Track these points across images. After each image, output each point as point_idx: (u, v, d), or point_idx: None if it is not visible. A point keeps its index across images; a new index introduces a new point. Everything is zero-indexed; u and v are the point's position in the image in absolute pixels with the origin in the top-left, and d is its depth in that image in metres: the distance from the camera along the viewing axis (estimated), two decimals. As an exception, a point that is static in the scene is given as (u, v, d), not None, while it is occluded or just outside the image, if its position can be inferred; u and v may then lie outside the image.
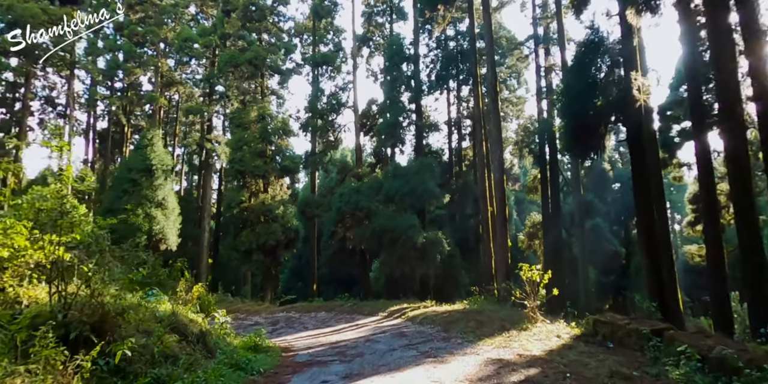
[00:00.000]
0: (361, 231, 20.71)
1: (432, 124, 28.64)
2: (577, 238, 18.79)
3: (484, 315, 12.94)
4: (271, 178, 27.73)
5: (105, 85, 39.97)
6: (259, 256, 25.92)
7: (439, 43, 27.37)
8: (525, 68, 26.68)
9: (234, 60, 26.24)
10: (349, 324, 14.90)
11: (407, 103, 23.82)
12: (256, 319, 18.37)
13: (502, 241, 17.86)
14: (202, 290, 10.18)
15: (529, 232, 24.86)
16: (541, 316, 10.78)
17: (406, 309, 16.61)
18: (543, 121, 21.01)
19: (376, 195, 22.00)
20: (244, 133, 26.66)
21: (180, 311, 8.49)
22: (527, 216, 26.83)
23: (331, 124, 26.99)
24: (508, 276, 18.10)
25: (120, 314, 5.18)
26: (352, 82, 27.43)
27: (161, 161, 28.14)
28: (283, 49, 29.86)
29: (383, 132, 22.91)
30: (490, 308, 14.60)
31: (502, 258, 17.98)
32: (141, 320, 6.23)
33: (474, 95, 22.03)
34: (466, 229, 27.25)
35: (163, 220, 27.38)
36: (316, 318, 17.71)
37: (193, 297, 10.06)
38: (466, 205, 28.53)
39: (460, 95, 31.60)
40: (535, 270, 10.36)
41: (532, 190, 24.32)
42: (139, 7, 32.27)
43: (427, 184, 20.46)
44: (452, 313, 14.21)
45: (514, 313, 12.76)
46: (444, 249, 20.19)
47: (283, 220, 26.60)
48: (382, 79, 25.77)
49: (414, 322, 14.00)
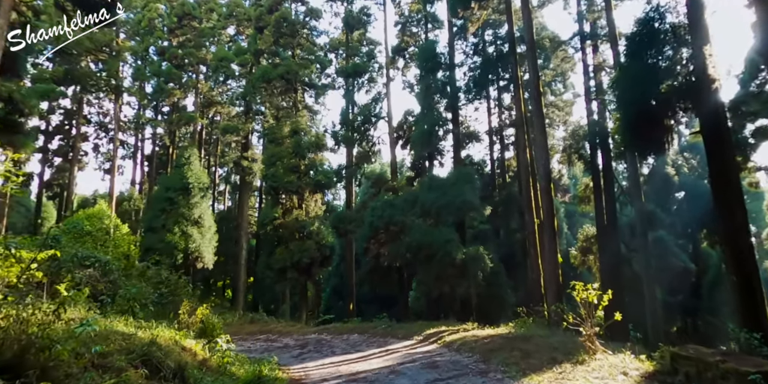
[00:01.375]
0: (395, 247, 19.32)
1: (471, 133, 27.11)
2: (639, 253, 16.55)
3: (531, 342, 11.14)
4: (305, 194, 27.03)
5: (152, 109, 41.42)
6: (293, 275, 25.00)
7: (476, 49, 26.04)
8: (571, 70, 24.83)
9: (266, 75, 26.03)
10: (380, 349, 13.43)
11: (443, 112, 22.50)
12: (287, 341, 17.26)
13: (551, 256, 15.92)
14: (206, 312, 9.15)
15: (582, 247, 22.52)
16: (600, 346, 8.94)
17: (444, 332, 14.95)
18: (593, 123, 19.03)
19: (411, 208, 20.61)
20: (277, 148, 26.21)
21: (168, 338, 7.43)
22: (579, 229, 24.49)
23: (366, 136, 26.06)
24: (560, 296, 16.08)
25: (45, 348, 4.08)
26: (386, 94, 26.53)
27: (198, 179, 28.16)
28: (317, 63, 29.49)
29: (418, 141, 21.65)
30: (539, 333, 12.72)
31: (551, 275, 16.01)
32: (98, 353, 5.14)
33: (515, 99, 20.44)
34: (512, 245, 25.22)
35: (199, 238, 27.17)
36: (348, 341, 16.33)
37: (195, 320, 9.03)
38: (510, 218, 26.53)
39: (501, 102, 29.95)
40: (591, 290, 8.61)
41: (583, 201, 22.12)
42: (179, 31, 33.16)
43: (466, 196, 18.88)
44: (494, 339, 12.46)
45: (567, 341, 10.88)
46: (486, 265, 18.41)
47: (317, 237, 25.67)
48: (418, 90, 24.68)
49: (450, 348, 12.36)
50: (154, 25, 36.33)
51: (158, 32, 35.41)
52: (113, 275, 12.19)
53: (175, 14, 32.50)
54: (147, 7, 35.51)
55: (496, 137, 31.33)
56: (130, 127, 43.13)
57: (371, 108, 25.16)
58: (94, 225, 28.15)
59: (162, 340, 7.00)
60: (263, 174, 25.14)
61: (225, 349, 8.43)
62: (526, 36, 17.89)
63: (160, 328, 8.04)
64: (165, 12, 35.47)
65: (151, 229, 26.88)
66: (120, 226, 29.73)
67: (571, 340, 10.94)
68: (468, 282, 17.95)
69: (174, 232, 26.21)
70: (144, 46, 35.91)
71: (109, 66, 31.02)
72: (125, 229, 29.83)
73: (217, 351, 8.44)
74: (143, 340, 6.53)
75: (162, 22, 35.64)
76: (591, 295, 8.64)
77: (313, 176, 25.54)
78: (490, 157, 31.32)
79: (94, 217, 28.44)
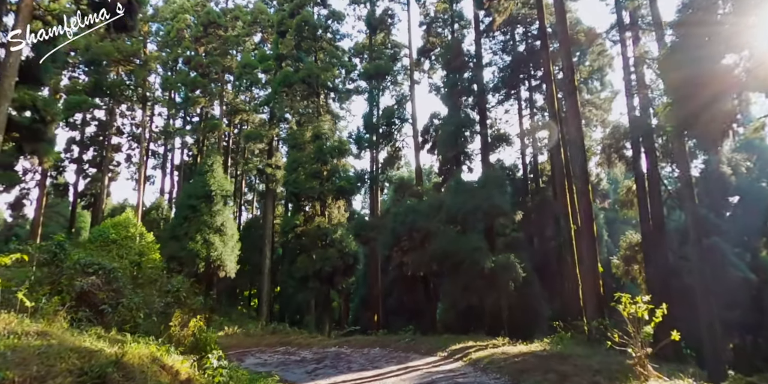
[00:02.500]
0: (419, 255, 18.10)
1: (501, 135, 25.68)
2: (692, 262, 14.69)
3: (569, 362, 9.71)
4: (328, 201, 26.19)
5: (182, 119, 41.85)
6: (315, 284, 24.04)
7: (505, 46, 24.80)
8: (608, 65, 23.14)
9: (288, 79, 25.52)
10: (399, 366, 12.22)
11: (470, 112, 21.26)
12: (305, 355, 16.31)
13: (591, 264, 14.35)
14: (200, 324, 8.24)
15: (625, 256, 20.59)
16: (653, 370, 7.48)
17: (471, 348, 13.60)
18: (636, 120, 17.33)
19: (436, 214, 19.38)
20: (299, 154, 25.54)
21: (144, 355, 6.50)
22: (621, 237, 22.51)
23: (390, 139, 25.07)
24: (601, 309, 14.44)
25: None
26: (410, 96, 25.53)
27: (220, 187, 27.80)
28: (340, 67, 28.84)
29: (443, 143, 20.50)
30: (578, 352, 11.23)
31: (591, 286, 14.42)
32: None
33: (548, 97, 19.02)
34: (546, 253, 23.54)
35: (221, 246, 26.69)
36: (367, 356, 15.18)
37: (187, 333, 8.12)
38: (545, 225, 24.86)
39: (533, 104, 28.44)
40: (641, 303, 7.22)
41: (625, 205, 20.28)
42: (205, 40, 33.33)
43: (495, 199, 17.52)
44: (527, 357, 11.05)
45: (611, 362, 9.39)
46: (518, 275, 16.92)
47: (340, 245, 24.66)
48: (444, 91, 23.57)
49: (476, 367, 11.03)
50: (183, 35, 36.80)
51: (186, 42, 35.76)
52: (117, 283, 11.50)
53: (200, 23, 32.69)
54: (176, 19, 36.01)
55: (528, 140, 29.75)
56: (161, 138, 43.76)
57: (395, 110, 24.15)
58: (120, 233, 28.21)
59: (133, 358, 6.10)
60: (284, 180, 24.39)
61: (216, 366, 7.45)
62: (559, 27, 16.57)
63: (142, 342, 7.19)
64: (193, 22, 35.87)
65: (173, 237, 26.59)
66: (146, 235, 29.74)
67: (615, 362, 9.45)
68: (498, 293, 16.52)
69: (196, 240, 25.81)
70: (173, 56, 36.33)
71: (136, 75, 31.36)
72: (150, 238, 29.80)
73: (208, 369, 7.47)
74: (109, 358, 5.63)
75: (190, 32, 36.04)
76: (640, 309, 7.25)
77: (336, 182, 24.66)
78: (522, 161, 29.74)
79: (120, 226, 28.49)
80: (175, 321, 8.16)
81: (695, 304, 14.69)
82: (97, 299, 10.42)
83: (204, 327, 8.35)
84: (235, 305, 38.90)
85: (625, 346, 7.76)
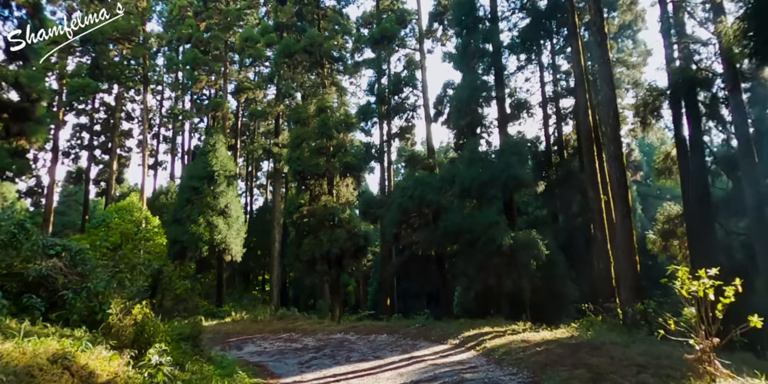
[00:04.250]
0: (429, 233, 16.34)
1: (521, 102, 23.49)
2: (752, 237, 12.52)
3: (603, 353, 7.89)
4: (336, 179, 24.55)
5: (191, 102, 40.61)
6: (323, 267, 22.57)
7: (524, 4, 22.31)
8: (640, 19, 20.54)
9: (288, 49, 23.72)
10: (403, 356, 10.62)
11: (486, 75, 19.08)
12: (307, 342, 14.97)
13: (626, 238, 12.35)
14: (145, 311, 6.75)
15: (662, 230, 18.29)
16: (723, 367, 5.62)
17: (487, 335, 11.88)
18: (678, 72, 14.86)
19: (449, 187, 17.53)
20: (302, 129, 23.84)
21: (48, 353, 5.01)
22: (658, 210, 20.18)
23: (399, 110, 23.12)
24: (638, 289, 12.50)
25: None
26: (420, 62, 23.41)
27: (223, 167, 26.45)
28: (346, 36, 26.82)
29: (456, 110, 18.49)
30: (614, 339, 9.37)
31: (626, 263, 12.44)
32: None
33: (573, 52, 16.74)
34: (573, 231, 21.47)
35: (225, 229, 25.44)
36: (373, 343, 13.67)
37: (127, 324, 6.62)
38: (571, 200, 22.73)
39: (557, 68, 25.98)
40: (705, 279, 5.35)
41: (663, 173, 17.93)
42: (205, 14, 31.71)
43: (513, 169, 15.54)
44: (551, 346, 9.26)
45: (658, 353, 7.53)
46: (541, 253, 15.01)
47: (349, 226, 23.05)
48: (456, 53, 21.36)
49: (490, 358, 9.31)
50: (186, 14, 35.31)
51: (189, 20, 34.26)
52: (84, 266, 10.13)
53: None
54: (178, -5, 34.54)
55: (551, 108, 27.35)
56: (170, 121, 42.77)
57: (404, 77, 22.06)
58: (123, 218, 27.27)
59: (21, 359, 4.63)
60: (286, 157, 22.77)
61: (156, 363, 5.93)
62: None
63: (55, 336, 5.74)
64: None
65: (176, 221, 25.47)
66: (151, 219, 28.77)
67: (662, 353, 7.61)
68: (518, 273, 14.67)
69: (199, 223, 24.61)
70: (176, 36, 34.95)
71: (135, 54, 30.03)
72: (156, 222, 28.84)
73: (145, 367, 5.98)
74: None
75: (192, 8, 34.49)
76: (704, 286, 5.38)
77: (341, 157, 22.93)
78: (544, 132, 27.39)
79: (124, 210, 27.56)
80: (115, 308, 6.66)
81: (751, 285, 12.56)
82: (58, 284, 9.09)
83: (151, 315, 6.84)
84: (250, 290, 38.10)
85: (682, 336, 5.91)
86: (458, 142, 22.63)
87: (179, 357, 8.56)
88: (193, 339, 10.94)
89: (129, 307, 6.74)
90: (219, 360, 10.94)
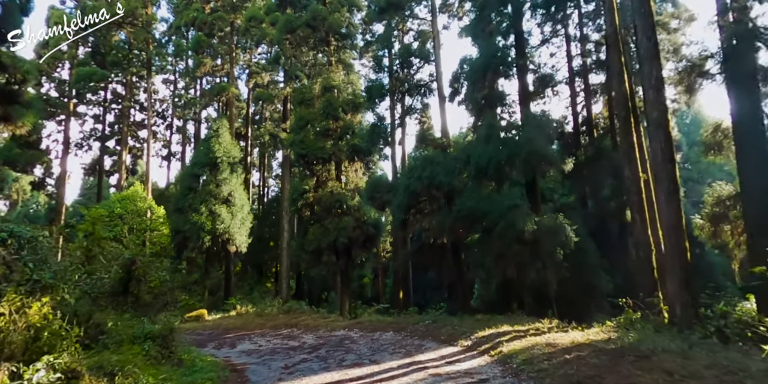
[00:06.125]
0: (440, 218, 14.49)
1: (545, 76, 21.28)
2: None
3: (655, 363, 5.98)
4: (343, 164, 22.88)
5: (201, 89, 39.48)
6: (329, 258, 21.02)
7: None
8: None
9: (290, 24, 22.03)
10: (403, 360, 8.92)
11: (505, 39, 16.94)
12: (305, 339, 13.55)
13: (673, 220, 10.24)
14: (45, 311, 5.19)
15: (712, 214, 15.86)
16: None
17: (504, 335, 10.02)
18: (732, 26, 12.42)
19: (463, 168, 15.61)
20: (306, 110, 22.23)
21: None
22: (706, 192, 17.71)
23: (411, 86, 21.18)
24: (687, 282, 10.38)
25: None
26: (432, 32, 21.35)
27: (227, 153, 25.05)
28: (354, 9, 24.89)
29: (471, 82, 16.51)
30: (664, 344, 7.39)
31: (672, 251, 10.33)
32: None
33: (606, 7, 14.52)
34: (604, 216, 19.28)
35: (228, 218, 24.08)
36: (375, 342, 12.05)
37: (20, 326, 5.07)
38: (601, 182, 20.49)
39: (586, 39, 23.59)
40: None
41: (711, 149, 15.53)
42: (209, -5, 30.31)
43: (535, 144, 13.51)
44: (583, 353, 7.36)
45: (728, 364, 5.59)
46: (569, 240, 13.00)
47: (358, 213, 21.40)
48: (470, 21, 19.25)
49: (507, 368, 7.47)
50: (192, -2, 34.04)
51: (195, 4, 33.03)
52: (35, 255, 8.70)
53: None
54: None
55: (578, 85, 24.99)
56: (181, 111, 41.79)
57: (413, 49, 20.06)
58: (127, 207, 26.26)
59: None
60: (290, 141, 21.16)
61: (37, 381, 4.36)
62: None
63: None
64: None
65: (178, 210, 24.27)
66: (156, 209, 27.73)
67: (736, 365, 5.66)
68: (542, 263, 12.72)
69: (200, 212, 23.34)
70: (183, 21, 33.75)
71: (136, 37, 28.86)
72: (161, 212, 27.80)
73: (30, 383, 4.41)
74: None
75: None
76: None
77: (348, 140, 21.21)
78: (572, 111, 25.11)
79: (127, 200, 26.56)
80: (6, 306, 5.10)
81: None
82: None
83: (51, 316, 5.27)
84: (263, 283, 36.92)
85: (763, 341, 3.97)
86: (476, 123, 20.59)
87: (131, 361, 7.10)
88: (163, 338, 9.53)
89: (27, 304, 5.21)
90: (190, 363, 9.49)
